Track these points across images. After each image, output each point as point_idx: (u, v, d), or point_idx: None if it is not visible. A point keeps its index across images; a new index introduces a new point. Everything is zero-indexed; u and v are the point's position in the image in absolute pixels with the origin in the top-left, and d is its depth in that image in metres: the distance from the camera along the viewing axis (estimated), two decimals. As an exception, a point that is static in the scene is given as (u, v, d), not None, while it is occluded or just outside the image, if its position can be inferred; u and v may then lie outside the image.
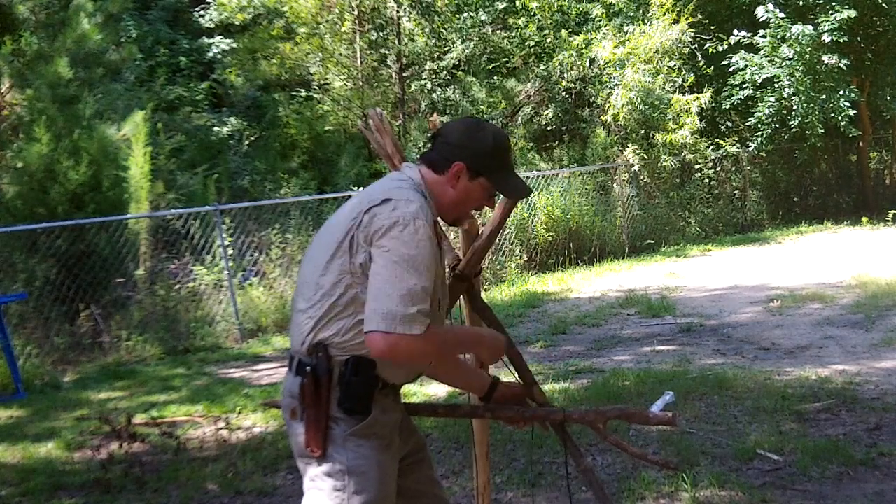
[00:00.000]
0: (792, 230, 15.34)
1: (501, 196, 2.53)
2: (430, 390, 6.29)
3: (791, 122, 14.99)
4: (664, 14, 15.02)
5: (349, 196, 11.64)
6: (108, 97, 12.31)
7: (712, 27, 16.30)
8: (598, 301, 9.95)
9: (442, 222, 2.46)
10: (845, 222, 15.66)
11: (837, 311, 8.32)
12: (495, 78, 18.28)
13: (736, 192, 16.50)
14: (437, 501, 2.59)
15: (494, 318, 2.76)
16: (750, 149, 15.74)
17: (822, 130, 14.76)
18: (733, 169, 16.55)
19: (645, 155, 14.63)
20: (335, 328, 2.26)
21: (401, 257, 2.16)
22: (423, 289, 2.16)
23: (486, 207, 2.49)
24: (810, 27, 14.19)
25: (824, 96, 14.53)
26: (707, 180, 15.62)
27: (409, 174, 2.38)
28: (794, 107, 14.66)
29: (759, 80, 14.84)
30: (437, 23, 17.20)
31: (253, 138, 17.83)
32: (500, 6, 17.75)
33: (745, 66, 14.86)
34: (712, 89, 15.37)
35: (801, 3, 14.94)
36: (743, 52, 14.97)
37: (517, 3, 16.86)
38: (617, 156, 15.04)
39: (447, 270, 2.75)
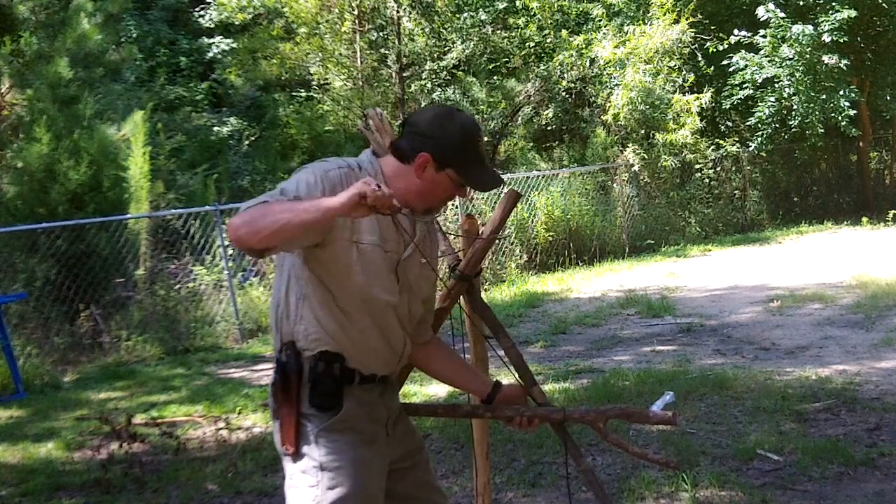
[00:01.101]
0: (792, 230, 15.34)
1: (501, 194, 2.52)
2: (431, 390, 6.29)
3: (791, 122, 14.99)
4: (664, 14, 15.02)
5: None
6: (108, 97, 12.32)
7: (712, 27, 16.30)
8: (598, 301, 9.95)
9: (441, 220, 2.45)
10: (845, 222, 15.66)
11: (837, 311, 8.32)
12: (495, 78, 18.27)
13: (736, 192, 16.50)
14: None
15: (494, 318, 2.75)
16: (750, 149, 15.74)
17: (822, 130, 14.76)
18: (733, 169, 16.55)
19: (645, 155, 14.63)
20: (293, 319, 2.27)
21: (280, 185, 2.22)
22: (283, 190, 2.16)
23: (485, 207, 2.48)
24: (810, 27, 14.19)
25: (824, 96, 14.53)
26: (707, 180, 15.62)
27: (358, 158, 2.38)
28: (795, 107, 14.66)
29: (760, 80, 14.84)
30: (437, 23, 17.19)
31: (253, 138, 17.83)
32: (500, 6, 17.74)
33: (746, 65, 14.86)
34: (712, 89, 15.37)
35: (801, 3, 14.94)
36: (743, 51, 14.96)
37: (517, 3, 16.86)
38: (617, 156, 15.04)
39: (447, 270, 2.74)
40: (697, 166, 15.32)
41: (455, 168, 2.30)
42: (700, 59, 15.88)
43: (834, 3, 14.25)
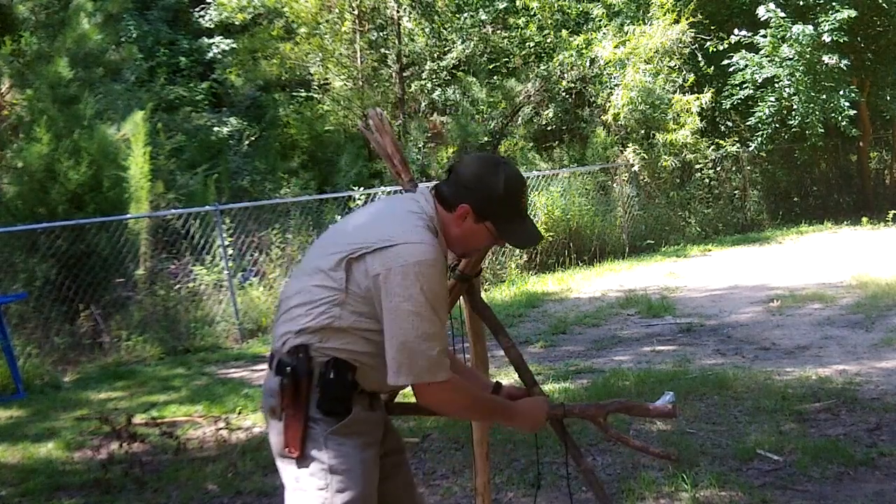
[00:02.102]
0: (792, 230, 15.34)
1: None
2: (430, 390, 6.28)
3: (791, 122, 14.99)
4: (664, 14, 15.02)
5: (349, 196, 11.67)
6: (108, 97, 12.32)
7: (712, 27, 16.30)
8: (598, 301, 9.95)
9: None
10: (845, 222, 15.66)
11: (837, 311, 8.32)
12: (495, 78, 18.28)
13: (736, 192, 16.50)
14: None
15: (494, 319, 2.75)
16: (750, 149, 15.74)
17: (822, 130, 14.76)
18: (733, 169, 16.55)
19: (645, 155, 14.63)
20: (318, 336, 2.25)
21: (412, 301, 2.18)
22: (439, 330, 2.22)
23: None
24: (811, 27, 14.19)
25: (824, 96, 14.53)
26: (707, 180, 15.62)
27: (425, 208, 2.33)
28: (795, 107, 14.67)
29: (760, 80, 14.84)
30: (437, 23, 17.20)
31: (253, 138, 17.82)
32: (500, 6, 17.75)
33: (746, 65, 14.86)
34: (713, 89, 15.37)
35: (801, 2, 14.94)
36: (743, 51, 14.96)
37: (517, 2, 16.86)
38: (617, 156, 15.04)
39: (447, 271, 2.74)
40: (697, 166, 15.31)
41: (494, 222, 2.34)
42: (700, 59, 15.88)
43: (834, 3, 14.25)
